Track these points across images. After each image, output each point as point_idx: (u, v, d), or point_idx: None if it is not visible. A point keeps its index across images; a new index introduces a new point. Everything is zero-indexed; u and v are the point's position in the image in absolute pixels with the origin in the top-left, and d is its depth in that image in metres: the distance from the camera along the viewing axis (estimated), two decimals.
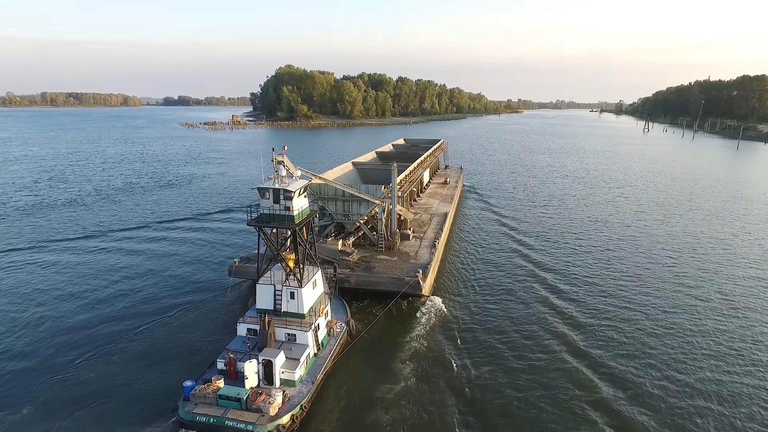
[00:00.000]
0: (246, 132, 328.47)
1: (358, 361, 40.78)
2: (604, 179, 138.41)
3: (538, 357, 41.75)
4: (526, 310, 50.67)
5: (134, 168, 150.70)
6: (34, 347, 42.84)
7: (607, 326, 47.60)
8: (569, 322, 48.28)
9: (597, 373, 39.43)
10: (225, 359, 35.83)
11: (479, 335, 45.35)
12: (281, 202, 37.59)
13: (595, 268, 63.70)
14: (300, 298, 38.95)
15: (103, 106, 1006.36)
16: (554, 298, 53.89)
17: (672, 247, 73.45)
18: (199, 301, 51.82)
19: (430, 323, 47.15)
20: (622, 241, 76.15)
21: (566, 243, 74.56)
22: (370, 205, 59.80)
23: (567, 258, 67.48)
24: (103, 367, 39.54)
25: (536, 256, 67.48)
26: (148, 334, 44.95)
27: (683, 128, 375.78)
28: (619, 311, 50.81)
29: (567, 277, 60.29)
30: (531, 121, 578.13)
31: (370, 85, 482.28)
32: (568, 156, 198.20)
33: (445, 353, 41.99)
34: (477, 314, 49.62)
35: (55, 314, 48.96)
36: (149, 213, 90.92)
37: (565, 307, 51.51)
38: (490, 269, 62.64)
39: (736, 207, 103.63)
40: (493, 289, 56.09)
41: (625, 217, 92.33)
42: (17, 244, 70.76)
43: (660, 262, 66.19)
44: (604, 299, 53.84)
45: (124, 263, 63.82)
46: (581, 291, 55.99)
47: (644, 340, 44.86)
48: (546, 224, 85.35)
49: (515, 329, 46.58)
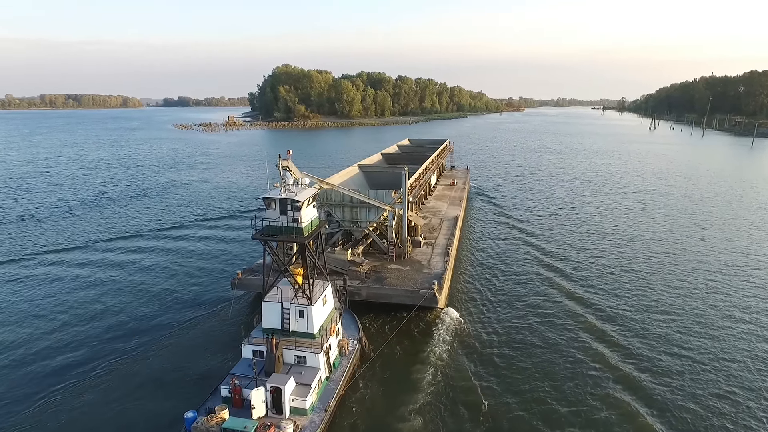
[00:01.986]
0: (240, 133, 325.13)
1: (372, 384, 38.15)
2: (617, 182, 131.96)
3: (570, 375, 39.11)
4: (549, 323, 48.04)
5: (111, 174, 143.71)
6: (9, 370, 39.89)
7: (646, 342, 44.59)
8: (601, 334, 45.65)
9: (642, 399, 36.39)
10: (229, 386, 33.14)
11: (501, 352, 42.72)
12: (288, 213, 35.02)
13: (620, 277, 60.65)
14: (310, 316, 36.36)
15: (102, 107, 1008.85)
16: (579, 307, 51.36)
17: (711, 262, 65.75)
18: (198, 318, 49.03)
19: (447, 338, 44.55)
20: (650, 254, 69.43)
21: (585, 250, 71.56)
22: (380, 211, 57.26)
23: (588, 265, 64.83)
24: (89, 396, 36.47)
25: (555, 264, 64.76)
26: (142, 356, 41.93)
27: (691, 125, 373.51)
28: (657, 327, 47.59)
29: (591, 286, 57.60)
30: (533, 119, 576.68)
31: (369, 84, 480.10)
32: (575, 157, 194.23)
33: (466, 373, 39.40)
34: (497, 328, 47.06)
35: (32, 334, 45.81)
36: (128, 223, 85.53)
37: (594, 317, 48.98)
38: (506, 277, 60.09)
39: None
40: (512, 300, 53.55)
41: (648, 226, 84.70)
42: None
43: (700, 281, 59.29)
44: (636, 311, 50.92)
45: (108, 277, 59.78)
46: (609, 301, 53.30)
47: (695, 367, 40.91)
48: (560, 231, 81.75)
49: (540, 345, 43.98)
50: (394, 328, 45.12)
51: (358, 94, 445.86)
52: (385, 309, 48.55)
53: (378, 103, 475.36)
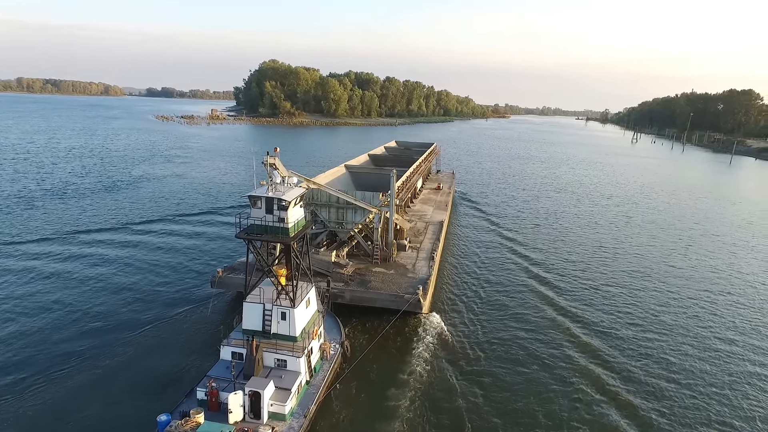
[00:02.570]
0: (223, 127, 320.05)
1: (353, 389, 37.53)
2: (601, 194, 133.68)
3: (551, 384, 39.32)
4: (532, 332, 48.32)
5: (83, 164, 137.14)
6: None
7: (619, 343, 46.17)
8: (584, 346, 46.02)
9: (615, 400, 37.46)
10: (206, 388, 32.13)
11: (484, 360, 42.68)
12: (275, 212, 34.25)
13: (604, 290, 60.89)
14: (292, 318, 35.60)
15: (82, 94, 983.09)
16: (562, 317, 51.87)
17: (696, 279, 66.45)
18: (175, 316, 47.58)
19: (430, 345, 44.22)
20: (634, 268, 69.73)
21: (569, 260, 72.32)
22: (366, 213, 56.72)
23: (571, 275, 65.54)
24: (57, 398, 34.81)
25: (539, 273, 65.19)
26: (114, 356, 40.28)
27: (672, 140, 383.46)
28: (638, 341, 48.14)
29: (573, 296, 58.27)
30: (518, 126, 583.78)
31: (357, 83, 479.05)
32: (559, 166, 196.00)
33: (448, 380, 39.14)
34: (480, 335, 47.04)
35: (7, 328, 43.96)
36: (97, 216, 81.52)
37: (576, 327, 49.47)
38: (490, 285, 60.25)
39: (750, 232, 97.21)
40: (495, 307, 53.63)
41: (632, 239, 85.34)
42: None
43: (686, 298, 59.67)
44: (619, 325, 51.35)
45: (79, 272, 57.27)
46: (592, 313, 53.82)
47: (670, 367, 42.84)
48: (544, 241, 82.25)
49: (521, 354, 44.10)
50: (377, 333, 44.61)
51: (345, 94, 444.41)
52: (369, 312, 47.97)
53: (365, 104, 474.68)
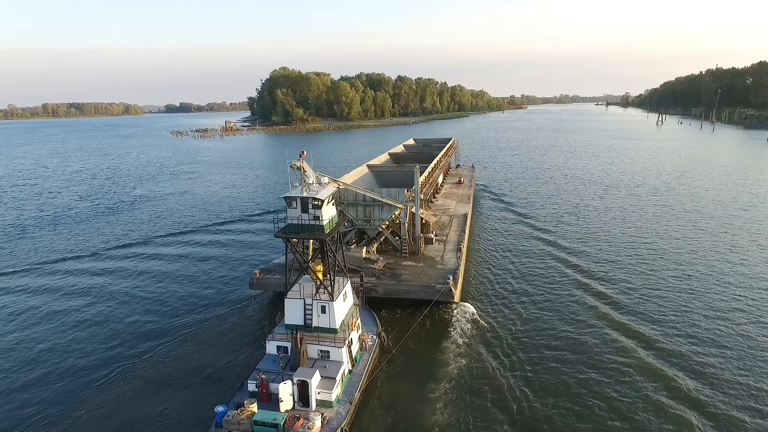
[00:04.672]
0: (236, 139, 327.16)
1: (393, 377, 39.89)
2: (630, 181, 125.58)
3: (594, 365, 40.57)
4: (569, 318, 49.28)
5: (90, 185, 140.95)
6: (49, 372, 42.11)
7: (672, 336, 45.23)
8: (625, 329, 46.29)
9: (668, 385, 37.59)
10: (256, 380, 34.91)
11: (522, 346, 44.11)
12: (310, 211, 36.83)
13: (643, 276, 59.71)
14: (332, 311, 38.14)
15: (104, 115, 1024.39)
16: (599, 302, 52.47)
17: (748, 275, 59.98)
18: (219, 317, 51.09)
19: (465, 332, 46.25)
20: (676, 259, 65.81)
21: (600, 246, 71.62)
22: (392, 210, 59.07)
23: (604, 261, 65.70)
24: (123, 393, 38.62)
25: (569, 259, 65.94)
26: (169, 355, 44.10)
27: (700, 120, 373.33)
28: (682, 319, 48.50)
29: (609, 281, 58.35)
30: (536, 117, 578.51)
31: (369, 85, 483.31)
32: (581, 155, 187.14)
33: (487, 366, 40.95)
34: (515, 321, 48.64)
35: (65, 338, 48.16)
36: (120, 233, 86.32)
37: (614, 310, 50.25)
38: (519, 272, 61.74)
39: None
40: (527, 294, 55.17)
41: (670, 230, 79.48)
42: (15, 266, 69.61)
43: (737, 291, 54.98)
44: (659, 304, 51.58)
45: (118, 284, 61.87)
46: (621, 288, 54.83)
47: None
48: (572, 229, 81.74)
49: (561, 339, 45.24)
50: (412, 323, 46.88)
51: (356, 96, 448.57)
52: (401, 305, 50.33)
53: (377, 105, 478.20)
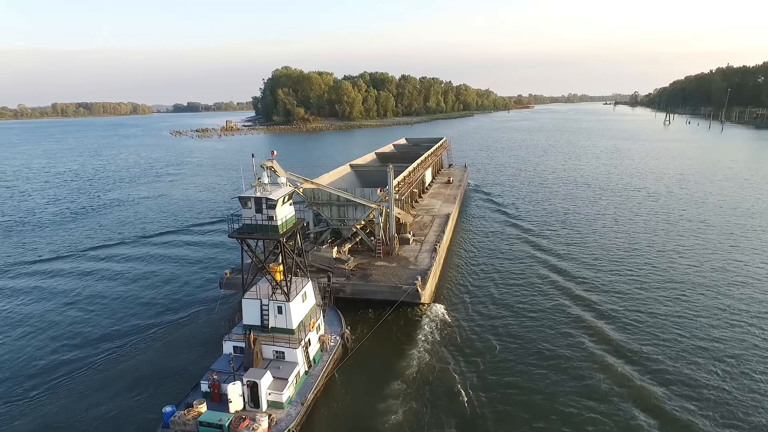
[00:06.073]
0: (233, 139, 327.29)
1: (353, 378, 39.86)
2: (628, 184, 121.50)
3: (553, 369, 40.35)
4: (542, 324, 48.40)
5: (72, 187, 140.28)
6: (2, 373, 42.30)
7: (640, 339, 44.81)
8: (591, 329, 46.30)
9: (628, 396, 36.75)
10: (209, 381, 35.11)
11: (485, 349, 43.82)
12: (264, 211, 36.97)
13: (632, 286, 57.21)
14: (288, 312, 38.21)
15: (112, 115, 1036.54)
16: (578, 308, 51.45)
17: (750, 285, 56.59)
18: (186, 317, 51.30)
19: (431, 333, 46.16)
20: (672, 270, 61.76)
21: (587, 250, 69.93)
22: (367, 210, 59.09)
23: (590, 267, 64.56)
24: (75, 393, 38.70)
25: (553, 262, 65.12)
26: (127, 356, 44.17)
27: (709, 119, 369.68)
28: (655, 324, 47.66)
29: (591, 287, 57.33)
30: (542, 116, 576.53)
31: (372, 84, 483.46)
32: (581, 156, 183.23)
33: (447, 369, 40.79)
34: (484, 325, 48.31)
35: (22, 339, 48.35)
36: (103, 233, 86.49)
37: (583, 310, 50.04)
38: (500, 275, 61.30)
39: None
40: (502, 296, 54.90)
41: (670, 238, 75.41)
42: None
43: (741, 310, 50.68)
44: (634, 309, 50.88)
45: (83, 286, 61.65)
46: (602, 295, 54.16)
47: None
48: (562, 233, 79.20)
49: (529, 346, 44.56)
50: (377, 324, 46.79)
51: (358, 96, 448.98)
52: (370, 305, 50.24)
53: (380, 104, 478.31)
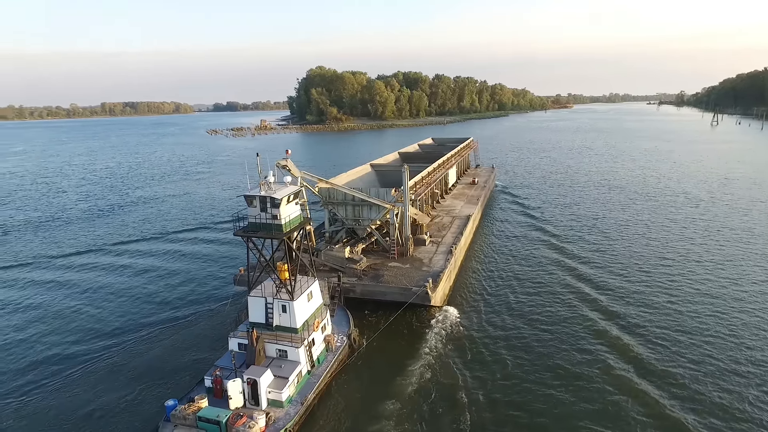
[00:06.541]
0: (267, 138, 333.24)
1: (357, 379, 39.70)
2: (666, 189, 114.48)
3: (568, 390, 37.95)
4: (555, 329, 47.18)
5: (110, 184, 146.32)
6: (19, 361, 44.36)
7: (670, 359, 41.47)
8: (615, 346, 43.35)
9: (652, 425, 33.98)
10: (212, 376, 35.64)
11: (496, 357, 42.56)
12: (268, 210, 37.23)
13: (654, 286, 55.88)
14: (292, 311, 38.35)
15: (156, 114, 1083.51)
16: (593, 313, 49.85)
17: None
18: (199, 313, 52.44)
19: (440, 339, 45.33)
20: (709, 283, 57.02)
21: (611, 260, 65.66)
22: (382, 210, 58.80)
23: (608, 264, 63.07)
24: (87, 385, 40.17)
25: (577, 268, 62.78)
26: (140, 348, 45.62)
27: (762, 120, 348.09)
28: (687, 343, 44.11)
29: (611, 288, 55.57)
30: (580, 116, 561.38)
31: (405, 83, 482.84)
32: (616, 159, 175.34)
33: (453, 374, 40.06)
34: (495, 332, 47.01)
35: (41, 330, 50.40)
36: (131, 230, 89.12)
37: (607, 325, 47.46)
38: (518, 280, 59.83)
39: None
40: (521, 303, 53.28)
41: (712, 249, 69.26)
42: (10, 261, 72.54)
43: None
44: (664, 326, 47.15)
45: (116, 279, 64.07)
46: (629, 308, 51.12)
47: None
48: (587, 238, 76.41)
49: (541, 350, 43.57)
50: (384, 326, 46.41)
51: (391, 95, 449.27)
52: (381, 307, 49.85)
53: (413, 104, 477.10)
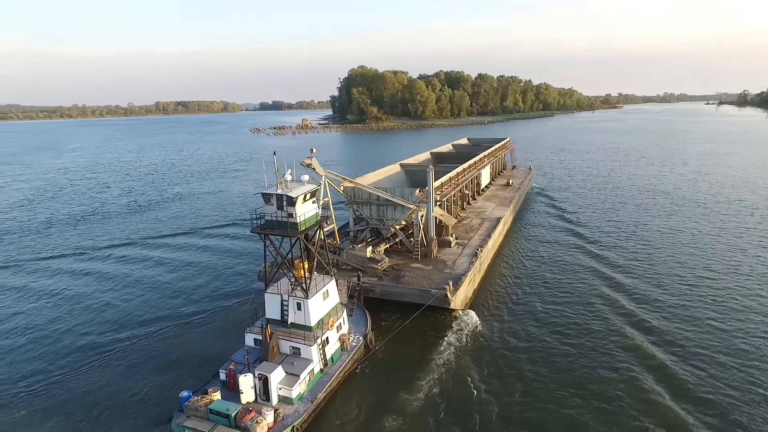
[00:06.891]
0: (308, 137, 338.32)
1: (369, 381, 39.57)
2: (719, 196, 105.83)
3: (593, 412, 35.36)
4: (584, 344, 44.74)
5: (146, 180, 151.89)
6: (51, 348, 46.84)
7: (710, 381, 38.64)
8: (648, 365, 40.88)
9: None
10: (227, 370, 36.37)
11: (515, 373, 40.47)
12: (284, 208, 37.61)
13: (694, 300, 52.80)
14: (307, 309, 38.64)
15: (205, 112, 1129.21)
16: (627, 327, 47.19)
17: None
18: (224, 307, 53.98)
19: (458, 345, 44.48)
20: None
21: (652, 270, 62.11)
22: (406, 210, 58.34)
23: (647, 274, 60.16)
24: (108, 373, 42.19)
25: (610, 277, 60.02)
26: (163, 339, 47.52)
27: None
28: (729, 364, 40.96)
29: (648, 301, 52.69)
30: (630, 117, 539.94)
31: (447, 83, 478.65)
32: (665, 163, 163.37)
33: (468, 380, 39.28)
34: (517, 342, 45.35)
35: (75, 319, 53.08)
36: (163, 226, 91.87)
37: (642, 340, 44.73)
38: (545, 286, 58.02)
39: None
40: (546, 312, 51.27)
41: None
42: (50, 252, 76.81)
43: None
44: (705, 345, 43.95)
45: (144, 272, 66.74)
46: (667, 322, 48.27)
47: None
48: (627, 247, 72.55)
49: (567, 363, 41.67)
50: (404, 327, 46.01)
51: (431, 95, 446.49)
52: (401, 308, 49.42)
53: (454, 103, 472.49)
